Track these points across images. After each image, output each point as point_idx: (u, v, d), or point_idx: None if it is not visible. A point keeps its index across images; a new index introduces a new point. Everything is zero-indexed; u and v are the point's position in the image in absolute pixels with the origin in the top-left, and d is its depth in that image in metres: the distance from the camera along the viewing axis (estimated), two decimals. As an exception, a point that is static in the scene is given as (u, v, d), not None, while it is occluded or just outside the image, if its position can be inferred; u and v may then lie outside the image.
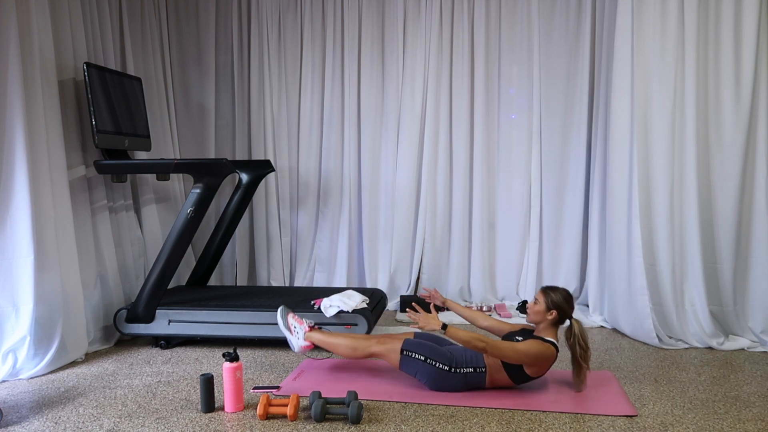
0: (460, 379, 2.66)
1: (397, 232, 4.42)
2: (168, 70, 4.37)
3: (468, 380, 2.67)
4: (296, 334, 2.93)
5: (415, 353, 2.68)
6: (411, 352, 2.68)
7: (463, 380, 2.66)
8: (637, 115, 3.49)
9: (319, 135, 4.53)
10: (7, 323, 2.98)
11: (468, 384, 2.67)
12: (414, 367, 2.68)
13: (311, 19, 4.44)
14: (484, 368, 2.66)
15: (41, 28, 3.07)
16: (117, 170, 3.46)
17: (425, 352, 2.68)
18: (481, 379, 2.67)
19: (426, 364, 2.66)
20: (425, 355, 2.67)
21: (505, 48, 4.29)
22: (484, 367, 2.66)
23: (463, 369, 2.66)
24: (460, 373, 2.65)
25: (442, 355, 2.68)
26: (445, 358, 2.67)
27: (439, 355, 2.68)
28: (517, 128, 4.33)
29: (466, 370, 2.66)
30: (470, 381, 2.67)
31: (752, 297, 3.47)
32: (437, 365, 2.65)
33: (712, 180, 3.49)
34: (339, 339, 2.85)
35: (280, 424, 2.39)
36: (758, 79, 3.38)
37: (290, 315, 3.00)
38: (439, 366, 2.65)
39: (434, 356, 2.67)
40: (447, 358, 2.67)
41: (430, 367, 2.65)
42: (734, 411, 2.53)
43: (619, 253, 3.62)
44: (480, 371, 2.66)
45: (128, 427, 2.38)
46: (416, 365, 2.67)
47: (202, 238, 4.34)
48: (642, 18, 3.47)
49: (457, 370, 2.65)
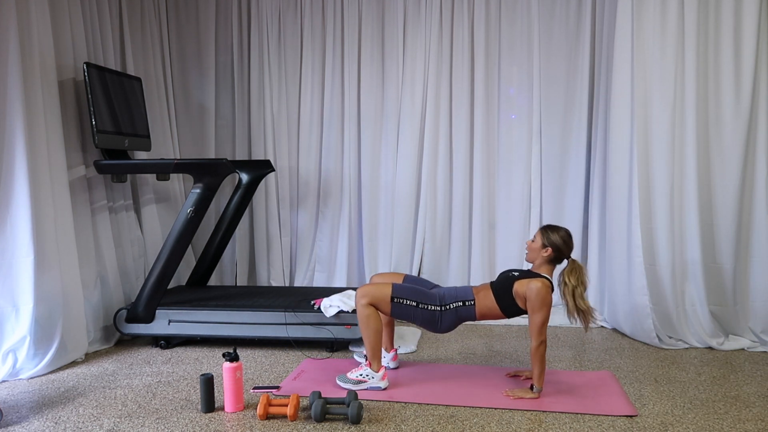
0: (452, 315, 2.72)
1: (397, 232, 4.42)
2: (168, 70, 4.37)
3: (459, 314, 2.73)
4: (370, 378, 2.75)
5: (406, 300, 2.70)
6: (401, 299, 2.70)
7: (455, 315, 2.73)
8: (637, 115, 3.49)
9: (319, 135, 4.53)
10: (7, 323, 2.98)
11: (459, 317, 2.74)
12: (406, 312, 2.71)
13: (311, 19, 4.44)
14: (472, 301, 2.72)
15: (41, 28, 3.07)
16: (117, 170, 3.46)
17: (415, 297, 2.71)
18: (471, 311, 2.72)
19: (418, 309, 2.70)
20: (416, 300, 2.71)
21: (505, 48, 4.29)
22: (473, 300, 2.72)
23: (452, 304, 2.72)
24: (451, 309, 2.72)
25: (432, 297, 2.73)
26: (434, 300, 2.72)
27: (429, 298, 2.73)
28: (517, 128, 4.32)
29: (456, 304, 2.72)
30: (461, 314, 2.73)
31: (752, 297, 3.48)
32: (428, 307, 2.70)
33: (712, 180, 3.49)
34: (363, 331, 2.73)
35: (280, 424, 2.39)
36: (758, 79, 3.38)
37: (348, 374, 2.79)
38: (430, 308, 2.70)
39: (424, 300, 2.71)
40: (435, 298, 2.73)
41: (423, 310, 2.70)
42: (734, 411, 2.53)
43: (619, 253, 3.62)
44: (469, 304, 2.72)
45: (128, 427, 2.38)
46: (409, 311, 2.70)
47: (202, 238, 4.33)
48: (642, 18, 3.47)
49: (447, 307, 2.71)
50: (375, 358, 2.74)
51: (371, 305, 2.69)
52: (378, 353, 2.74)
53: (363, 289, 2.73)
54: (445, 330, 2.77)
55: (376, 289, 2.71)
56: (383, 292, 2.70)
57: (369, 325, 2.69)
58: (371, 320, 2.69)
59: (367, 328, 2.70)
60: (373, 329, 2.70)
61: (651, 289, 3.46)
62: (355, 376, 2.75)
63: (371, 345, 2.72)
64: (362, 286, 2.77)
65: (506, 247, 4.40)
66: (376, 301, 2.69)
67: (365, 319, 2.69)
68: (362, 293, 2.71)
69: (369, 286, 2.75)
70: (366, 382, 2.74)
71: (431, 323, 2.73)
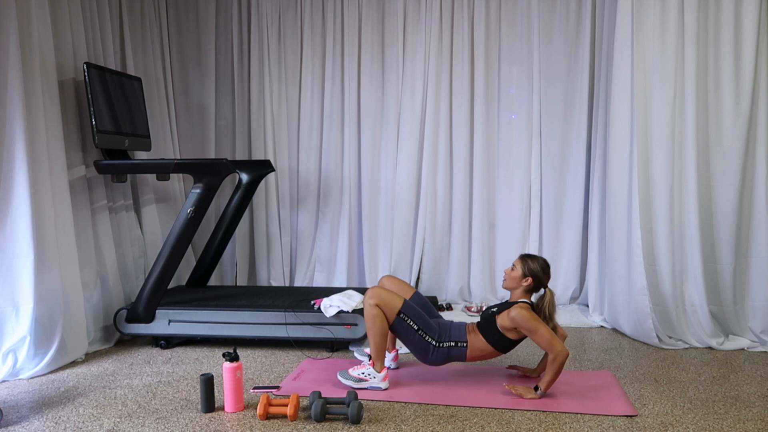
0: (443, 353, 2.75)
1: (397, 232, 4.42)
2: (168, 70, 4.37)
3: (450, 353, 2.76)
4: (372, 378, 2.75)
5: (411, 319, 2.72)
6: (407, 317, 2.71)
7: (446, 353, 2.76)
8: (637, 115, 3.49)
9: (319, 135, 4.53)
10: (7, 323, 2.98)
11: (449, 357, 2.77)
12: (405, 332, 2.72)
13: (311, 19, 4.44)
14: (465, 343, 2.74)
15: (41, 28, 3.07)
16: (117, 170, 3.46)
17: (419, 322, 2.73)
18: (462, 353, 2.75)
19: (417, 334, 2.72)
20: (418, 324, 2.72)
21: (505, 48, 4.29)
22: (466, 342, 2.74)
23: (446, 343, 2.75)
24: (444, 347, 2.74)
25: (432, 329, 2.75)
26: (433, 332, 2.74)
27: (430, 328, 2.75)
28: (517, 128, 4.33)
29: (449, 344, 2.74)
30: (452, 354, 2.76)
31: (752, 297, 3.47)
32: (426, 337, 2.73)
33: (712, 180, 3.49)
34: (369, 331, 2.75)
35: (280, 424, 2.39)
36: (758, 79, 3.38)
37: (350, 371, 2.80)
38: (428, 339, 2.73)
39: (425, 328, 2.73)
40: (435, 331, 2.75)
41: (420, 337, 2.72)
42: (734, 411, 2.53)
43: (619, 253, 3.62)
44: (461, 345, 2.74)
45: (128, 427, 2.38)
46: (408, 332, 2.72)
47: (202, 238, 4.34)
48: (642, 18, 3.47)
49: (441, 344, 2.74)
50: (379, 359, 2.74)
51: (378, 307, 2.70)
52: (382, 354, 2.74)
53: (375, 291, 2.73)
54: (432, 364, 2.81)
55: (388, 296, 2.72)
56: (395, 302, 2.71)
57: (375, 324, 2.70)
58: (378, 321, 2.69)
59: (374, 327, 2.70)
60: (379, 330, 2.70)
61: (651, 289, 3.46)
62: (357, 373, 2.76)
63: (376, 345, 2.73)
64: (375, 287, 2.78)
65: (506, 247, 4.41)
66: (384, 306, 2.70)
67: (372, 319, 2.70)
68: (373, 294, 2.72)
69: (382, 290, 2.76)
70: (367, 381, 2.74)
71: (422, 352, 2.75)
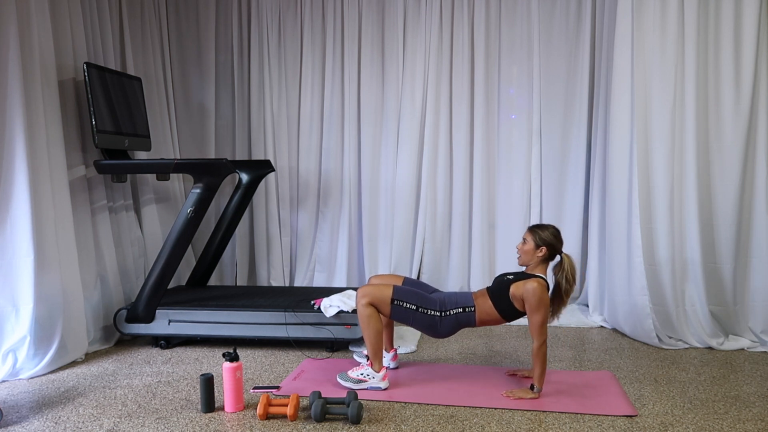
0: (452, 321, 2.72)
1: (397, 232, 4.42)
2: (168, 70, 4.37)
3: (459, 320, 2.72)
4: (371, 378, 2.74)
5: (406, 302, 2.69)
6: (401, 301, 2.69)
7: (455, 321, 2.72)
8: (637, 115, 3.49)
9: (319, 135, 4.53)
10: (7, 323, 2.98)
11: (459, 323, 2.73)
12: (405, 315, 2.70)
13: (311, 19, 4.44)
14: (472, 307, 2.72)
15: (41, 29, 3.07)
16: (117, 170, 3.46)
17: (415, 300, 2.70)
18: (471, 317, 2.72)
19: (418, 313, 2.69)
20: (416, 303, 2.70)
21: (505, 48, 4.29)
22: (473, 306, 2.72)
23: (453, 310, 2.72)
24: (451, 315, 2.71)
25: (431, 302, 2.72)
26: (434, 304, 2.72)
27: (429, 302, 2.72)
28: (517, 128, 4.33)
29: (456, 311, 2.72)
30: (461, 320, 2.73)
31: (752, 297, 3.47)
32: (428, 312, 2.69)
33: (712, 180, 3.49)
34: (364, 331, 2.73)
35: (280, 424, 2.39)
36: (758, 79, 3.38)
37: (349, 372, 2.78)
38: (429, 312, 2.70)
39: (424, 304, 2.71)
40: (435, 303, 2.72)
41: (422, 315, 2.69)
42: (734, 411, 2.53)
43: (619, 253, 3.62)
44: (469, 310, 2.72)
45: (128, 427, 2.38)
46: (408, 314, 2.70)
47: (202, 238, 4.34)
48: (642, 18, 3.47)
49: (447, 313, 2.71)
50: (376, 359, 2.74)
51: (371, 305, 2.69)
52: (379, 353, 2.74)
53: (364, 290, 2.72)
54: (444, 335, 2.78)
55: (376, 290, 2.71)
56: (384, 293, 2.69)
57: (370, 324, 2.69)
58: (372, 320, 2.68)
59: (368, 327, 2.69)
60: (374, 329, 2.69)
61: (651, 289, 3.46)
62: (356, 375, 2.75)
63: (372, 345, 2.72)
64: (363, 286, 2.77)
65: (506, 247, 4.40)
66: (376, 301, 2.69)
67: (366, 319, 2.69)
68: (363, 293, 2.71)
69: (370, 286, 2.75)
70: (366, 382, 2.74)
71: (430, 328, 2.73)
